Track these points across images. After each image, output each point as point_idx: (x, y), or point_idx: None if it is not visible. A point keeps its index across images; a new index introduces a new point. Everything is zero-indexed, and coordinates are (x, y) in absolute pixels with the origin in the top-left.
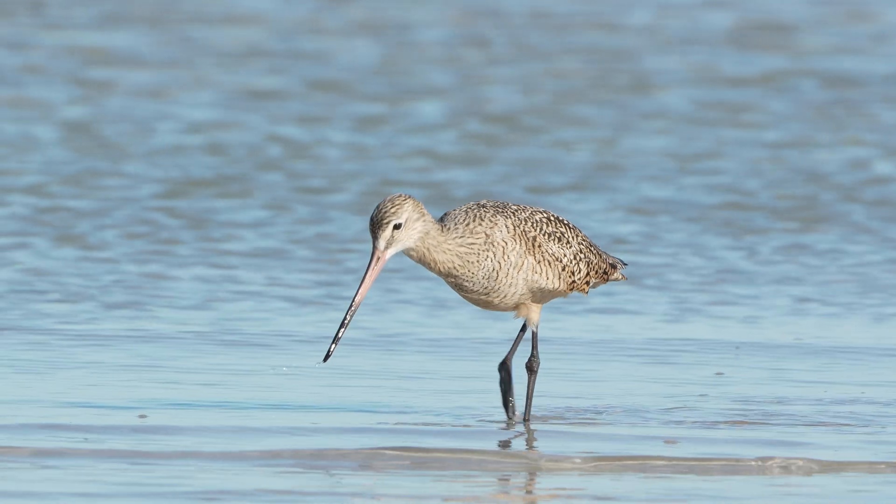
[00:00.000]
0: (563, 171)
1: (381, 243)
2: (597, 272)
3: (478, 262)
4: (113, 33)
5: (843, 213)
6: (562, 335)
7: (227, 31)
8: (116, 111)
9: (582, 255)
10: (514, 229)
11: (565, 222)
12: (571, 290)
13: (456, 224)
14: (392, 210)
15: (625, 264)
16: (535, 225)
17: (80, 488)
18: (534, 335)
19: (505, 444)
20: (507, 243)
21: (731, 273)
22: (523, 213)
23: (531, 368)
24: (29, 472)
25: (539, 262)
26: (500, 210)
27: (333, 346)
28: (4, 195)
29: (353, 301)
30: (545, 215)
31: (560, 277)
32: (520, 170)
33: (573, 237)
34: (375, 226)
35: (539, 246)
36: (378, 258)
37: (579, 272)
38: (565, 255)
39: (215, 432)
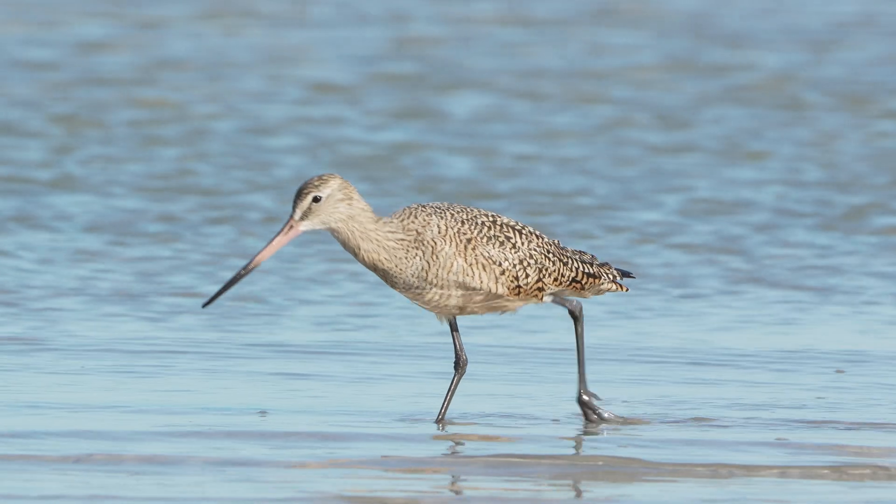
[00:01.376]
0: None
1: (297, 213)
2: (557, 280)
3: (406, 258)
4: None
5: None
6: (665, 342)
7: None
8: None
9: (532, 262)
10: (447, 230)
11: (518, 228)
12: (518, 294)
13: (391, 218)
14: (316, 183)
15: (628, 276)
16: (474, 227)
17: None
18: (551, 301)
19: (622, 448)
20: (436, 243)
21: (837, 271)
22: (464, 215)
23: (574, 315)
24: (141, 478)
25: (471, 264)
26: (438, 211)
27: (217, 296)
28: (108, 194)
29: (251, 260)
30: (491, 219)
31: (498, 281)
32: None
33: (524, 243)
34: (296, 196)
35: (474, 248)
36: (291, 227)
37: (525, 278)
38: (506, 259)
39: (337, 438)
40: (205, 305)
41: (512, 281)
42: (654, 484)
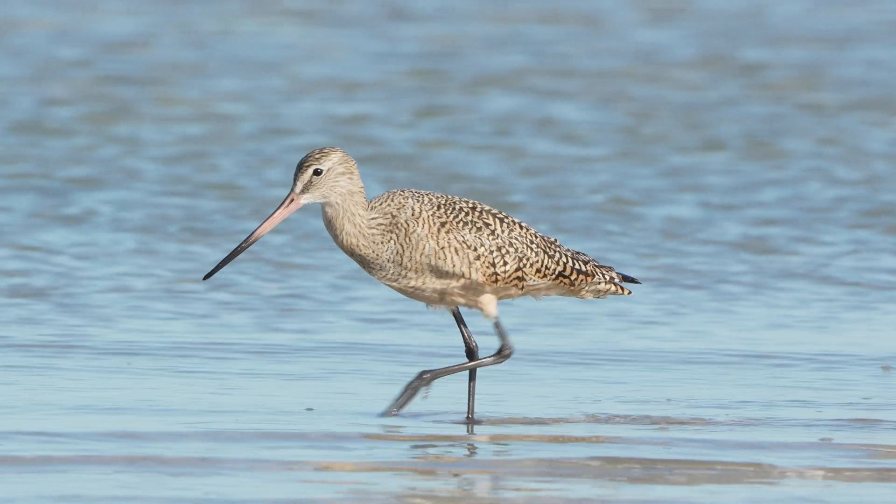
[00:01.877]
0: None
1: (298, 186)
2: (540, 272)
3: (382, 243)
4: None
5: None
6: (703, 342)
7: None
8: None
9: (512, 250)
10: (421, 212)
11: (500, 217)
12: (496, 283)
13: (374, 203)
14: (317, 156)
15: (633, 282)
16: (450, 211)
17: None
18: (495, 326)
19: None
20: (409, 225)
21: (870, 269)
22: (441, 200)
23: (501, 353)
24: (184, 479)
25: (443, 247)
26: (415, 195)
27: (218, 269)
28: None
29: (252, 233)
30: (470, 205)
31: (472, 266)
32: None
33: (504, 230)
34: (297, 169)
35: (447, 232)
36: (292, 200)
37: (503, 265)
38: (482, 245)
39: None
40: (205, 278)
41: (488, 267)
42: (699, 485)
